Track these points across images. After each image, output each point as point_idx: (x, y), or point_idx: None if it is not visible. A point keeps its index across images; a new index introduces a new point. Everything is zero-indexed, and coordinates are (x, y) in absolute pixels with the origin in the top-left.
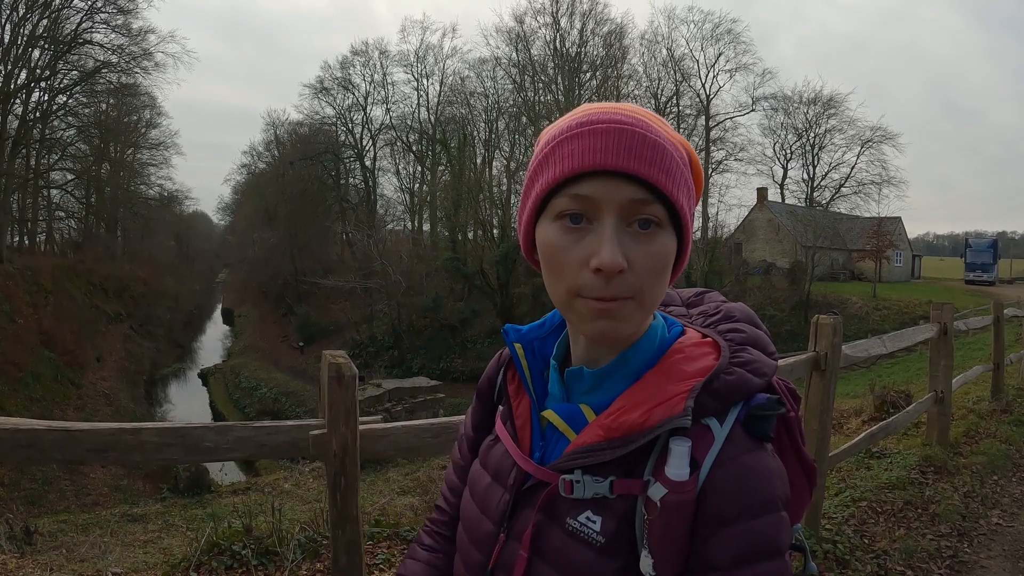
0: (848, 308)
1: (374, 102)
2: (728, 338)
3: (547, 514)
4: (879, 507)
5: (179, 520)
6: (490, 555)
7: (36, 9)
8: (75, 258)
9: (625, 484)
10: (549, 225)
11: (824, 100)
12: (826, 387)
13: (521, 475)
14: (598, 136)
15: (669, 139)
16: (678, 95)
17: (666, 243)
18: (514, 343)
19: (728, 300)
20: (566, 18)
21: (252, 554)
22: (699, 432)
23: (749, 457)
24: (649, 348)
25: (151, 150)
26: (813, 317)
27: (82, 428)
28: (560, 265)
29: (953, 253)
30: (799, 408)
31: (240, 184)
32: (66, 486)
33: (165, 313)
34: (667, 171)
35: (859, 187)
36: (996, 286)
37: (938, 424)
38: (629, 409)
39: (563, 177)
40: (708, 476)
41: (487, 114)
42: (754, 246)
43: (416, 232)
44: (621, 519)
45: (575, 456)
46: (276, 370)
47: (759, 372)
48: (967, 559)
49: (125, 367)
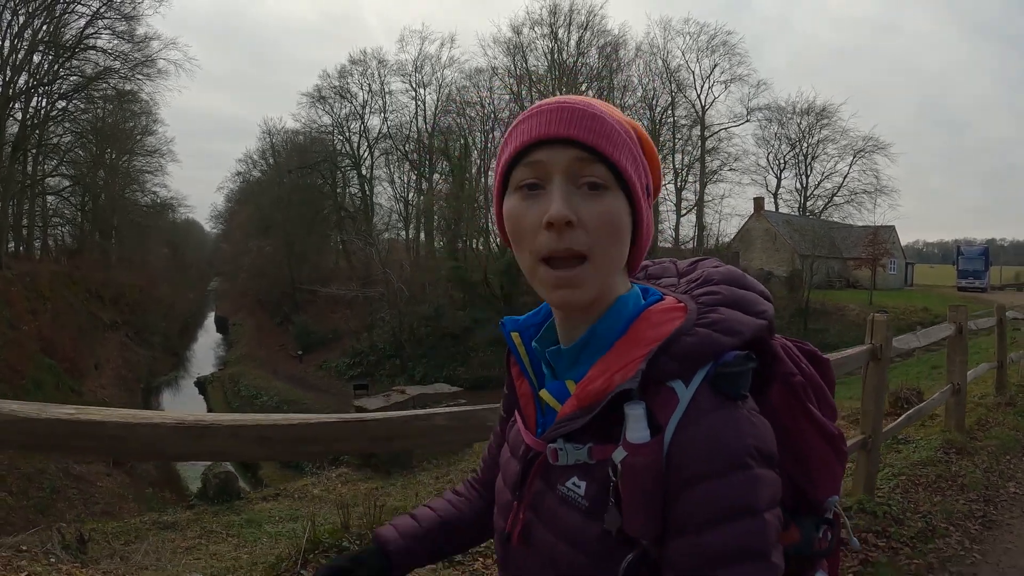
0: (846, 315)
1: (371, 111)
2: (700, 300)
3: (544, 480)
4: (917, 480)
5: (216, 526)
6: (508, 521)
7: (38, 15)
8: (71, 265)
9: (602, 450)
10: (511, 196)
11: (817, 110)
12: (881, 373)
13: (527, 449)
14: (544, 114)
15: (613, 116)
16: (673, 106)
17: (615, 203)
18: (510, 332)
19: (721, 265)
20: (563, 29)
21: (361, 547)
22: (663, 395)
23: (715, 415)
24: (619, 318)
25: (146, 157)
26: (870, 315)
27: (376, 418)
28: (521, 231)
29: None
30: (823, 373)
31: (234, 192)
32: (73, 495)
33: (160, 321)
34: (606, 136)
35: (852, 196)
36: (988, 292)
37: (955, 413)
38: (595, 377)
39: (517, 150)
40: (673, 438)
41: (483, 124)
42: (752, 255)
43: (412, 241)
44: (602, 484)
45: (557, 426)
46: (275, 379)
47: (730, 331)
48: (995, 519)
49: (122, 375)
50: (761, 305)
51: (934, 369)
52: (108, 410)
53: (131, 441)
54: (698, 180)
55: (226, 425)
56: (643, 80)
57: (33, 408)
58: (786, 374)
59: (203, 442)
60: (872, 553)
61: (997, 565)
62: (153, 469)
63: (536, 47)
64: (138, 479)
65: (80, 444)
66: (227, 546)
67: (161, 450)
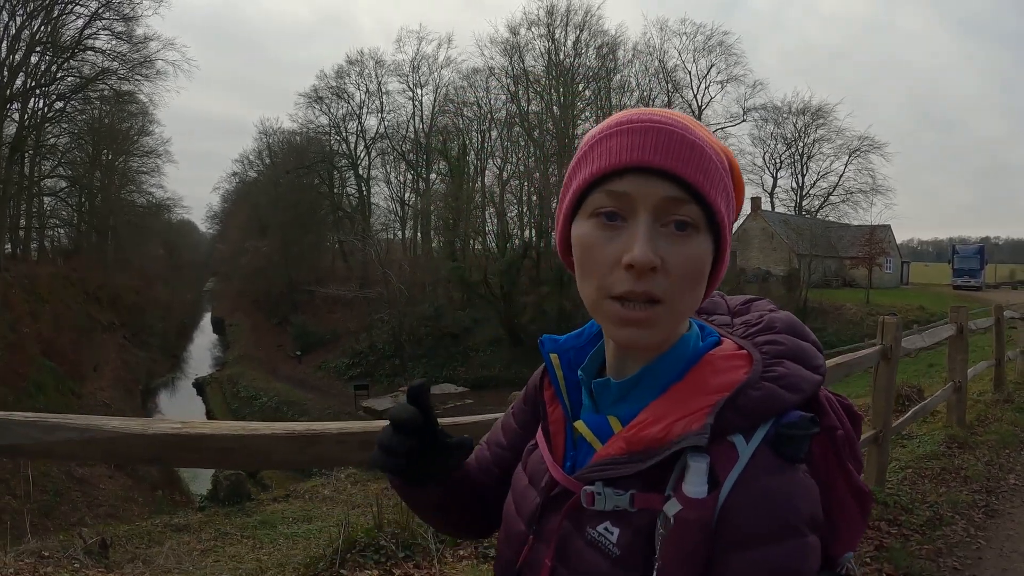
0: (844, 314)
1: (369, 111)
2: (764, 350)
3: (571, 521)
4: (923, 472)
5: (230, 528)
6: (519, 554)
7: (37, 15)
8: (68, 267)
9: (646, 498)
10: (584, 222)
11: (813, 110)
12: (891, 372)
13: (552, 481)
14: (636, 134)
15: (709, 143)
16: (670, 106)
17: (702, 246)
18: (550, 353)
19: (777, 309)
20: (560, 30)
21: (397, 546)
22: (723, 449)
23: (774, 478)
24: (679, 359)
25: (142, 158)
26: (873, 315)
27: (465, 422)
28: (592, 262)
29: (938, 259)
30: (855, 428)
31: (230, 192)
32: (77, 497)
33: (158, 322)
34: (704, 172)
35: (847, 195)
36: (983, 291)
37: (956, 409)
38: (651, 423)
39: (600, 173)
40: (729, 496)
41: (480, 123)
42: (749, 254)
43: (409, 241)
44: (638, 532)
45: (597, 468)
46: (275, 379)
47: (793, 387)
48: (997, 508)
49: (121, 377)
50: (818, 359)
51: (931, 367)
52: (213, 423)
53: (239, 452)
54: None
55: (333, 433)
56: (640, 81)
57: (137, 424)
58: (831, 428)
59: (311, 450)
60: (886, 539)
61: (1000, 550)
62: (154, 472)
63: (533, 47)
64: (140, 481)
65: (186, 458)
66: (244, 547)
67: (268, 459)
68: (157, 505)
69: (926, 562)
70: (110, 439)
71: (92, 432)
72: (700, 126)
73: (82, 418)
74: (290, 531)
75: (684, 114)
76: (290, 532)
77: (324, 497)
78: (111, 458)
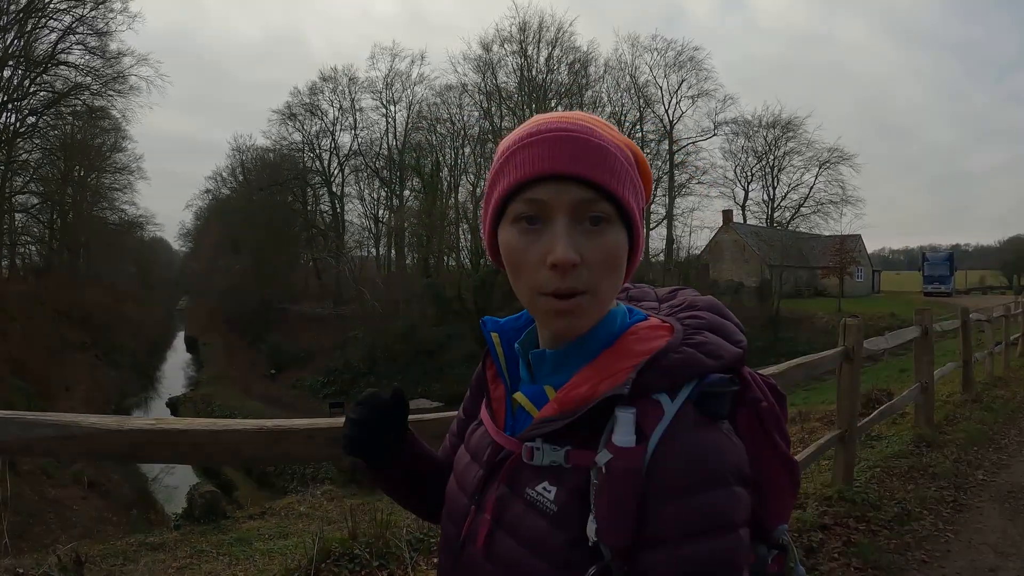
0: (815, 323)
1: (342, 128)
2: (686, 323)
3: (510, 484)
4: (891, 471)
5: (206, 546)
6: (461, 527)
7: (9, 29)
8: (39, 285)
9: (579, 455)
10: (508, 228)
11: (783, 123)
12: (854, 373)
13: (496, 447)
14: (547, 144)
15: (614, 142)
16: (642, 121)
17: (616, 238)
18: (491, 332)
19: (700, 295)
20: (533, 46)
21: (372, 555)
22: (648, 405)
23: (698, 432)
24: (607, 331)
25: (115, 174)
26: (840, 320)
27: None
28: (520, 265)
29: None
30: (780, 406)
31: (203, 210)
32: (50, 519)
33: (130, 341)
34: (612, 171)
35: (818, 207)
36: (953, 297)
37: (924, 409)
38: (580, 384)
39: (517, 183)
40: (656, 449)
41: (453, 140)
42: (721, 267)
43: (383, 258)
44: (573, 491)
45: (534, 427)
46: (249, 398)
47: (713, 354)
48: (965, 503)
49: (93, 397)
50: (739, 335)
51: (902, 372)
52: (186, 420)
53: (211, 447)
54: (667, 194)
55: (302, 429)
56: (612, 96)
57: (113, 420)
58: (755, 400)
59: (280, 446)
60: (854, 535)
61: (969, 542)
62: (129, 492)
63: (506, 64)
64: (114, 502)
65: (160, 453)
66: (220, 564)
67: (238, 454)
68: (132, 524)
69: (894, 556)
70: (88, 435)
71: (71, 429)
72: (606, 125)
73: (60, 415)
74: (266, 547)
75: (589, 114)
76: (266, 548)
77: (300, 514)
78: (89, 454)
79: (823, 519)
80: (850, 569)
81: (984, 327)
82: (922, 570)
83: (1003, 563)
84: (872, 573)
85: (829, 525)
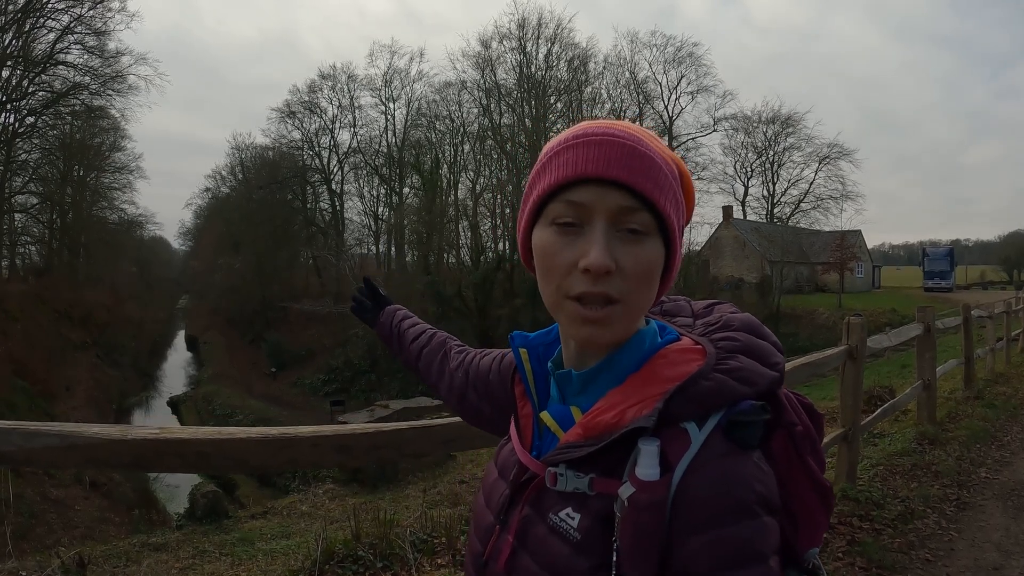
0: (816, 319)
1: (341, 126)
2: (719, 346)
3: (534, 507)
4: (894, 469)
5: (209, 546)
6: (487, 544)
7: (8, 29)
8: (39, 285)
9: (604, 483)
10: (544, 229)
11: (782, 119)
12: (857, 371)
13: (521, 468)
14: (591, 147)
15: (660, 154)
16: (641, 117)
17: (653, 249)
18: (519, 348)
19: (738, 311)
20: (532, 43)
21: (375, 557)
22: (675, 435)
23: (726, 461)
24: (636, 352)
25: (114, 174)
26: (842, 317)
27: (442, 423)
28: (552, 266)
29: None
30: (816, 427)
31: (202, 208)
32: (52, 519)
33: (130, 341)
34: (655, 181)
35: (818, 202)
36: (954, 292)
37: (927, 406)
38: (606, 409)
39: (558, 184)
40: (682, 480)
41: (452, 137)
42: (722, 263)
43: (383, 256)
44: (596, 518)
45: (559, 452)
46: (250, 397)
47: (746, 380)
48: (968, 501)
49: (94, 396)
50: (776, 357)
51: (904, 368)
52: (190, 429)
53: (216, 456)
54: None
55: (307, 436)
56: (611, 92)
57: (116, 430)
58: (790, 424)
59: (285, 453)
60: (858, 534)
61: (972, 541)
62: (130, 492)
63: (505, 60)
64: (116, 502)
65: (164, 463)
66: (222, 565)
67: (244, 463)
68: (134, 525)
69: (898, 555)
70: (91, 445)
71: (73, 439)
72: (653, 138)
73: (62, 425)
74: (268, 547)
75: (637, 125)
76: (268, 548)
77: (302, 513)
78: (92, 464)
79: None
80: (854, 568)
81: (986, 323)
82: (926, 569)
83: (1007, 561)
84: (876, 572)
85: (833, 524)
